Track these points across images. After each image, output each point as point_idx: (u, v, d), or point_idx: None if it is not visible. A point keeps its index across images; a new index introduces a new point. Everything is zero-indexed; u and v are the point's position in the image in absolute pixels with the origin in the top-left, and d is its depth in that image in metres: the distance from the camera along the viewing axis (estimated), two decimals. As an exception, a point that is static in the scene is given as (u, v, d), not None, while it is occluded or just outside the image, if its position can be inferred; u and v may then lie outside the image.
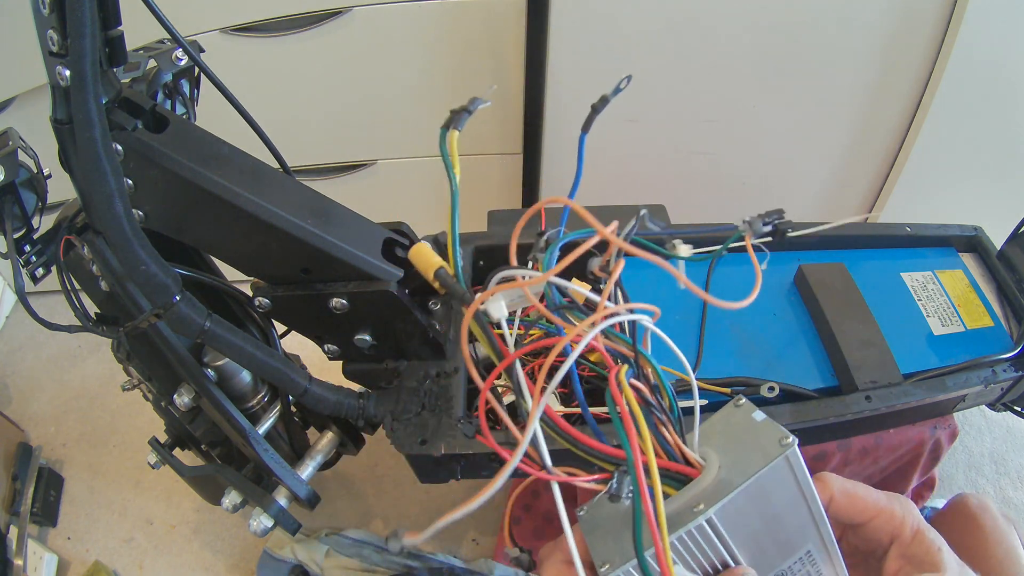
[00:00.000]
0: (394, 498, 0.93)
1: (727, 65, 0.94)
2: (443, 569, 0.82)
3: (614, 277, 0.30)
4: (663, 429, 0.30)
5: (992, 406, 0.75)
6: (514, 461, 0.25)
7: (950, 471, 0.99)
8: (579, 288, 0.32)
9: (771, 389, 0.57)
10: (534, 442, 0.27)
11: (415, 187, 1.10)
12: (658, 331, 0.31)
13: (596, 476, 0.30)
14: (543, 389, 0.26)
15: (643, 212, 0.32)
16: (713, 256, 0.37)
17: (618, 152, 1.03)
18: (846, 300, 0.66)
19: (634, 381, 0.29)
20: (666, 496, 0.29)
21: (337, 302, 0.51)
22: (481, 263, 0.67)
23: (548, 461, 0.28)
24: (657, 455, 0.28)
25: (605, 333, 0.30)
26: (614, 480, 0.28)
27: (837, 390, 0.62)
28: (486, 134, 1.03)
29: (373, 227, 0.53)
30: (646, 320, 0.30)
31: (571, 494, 0.32)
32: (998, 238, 0.78)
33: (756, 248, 0.33)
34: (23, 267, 0.49)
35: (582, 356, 0.35)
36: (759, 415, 0.30)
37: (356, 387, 0.58)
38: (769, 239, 0.35)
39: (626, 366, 0.30)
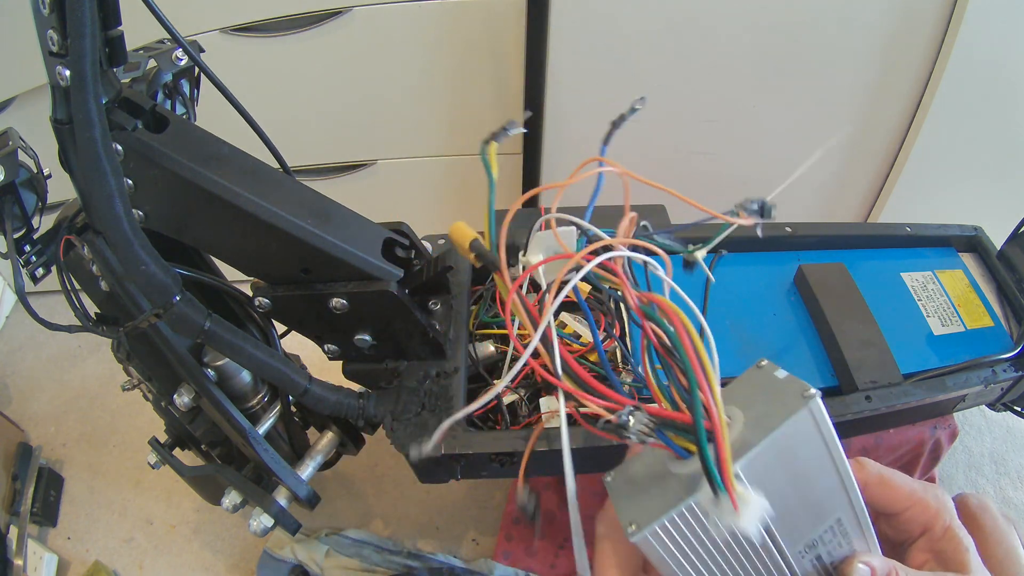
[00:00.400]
0: (394, 498, 0.93)
1: (727, 65, 0.94)
2: (443, 569, 0.82)
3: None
4: (684, 380, 0.28)
5: (992, 406, 0.75)
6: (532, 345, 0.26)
7: (950, 471, 0.99)
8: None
9: (771, 389, 0.57)
10: (546, 348, 0.28)
11: (415, 187, 1.10)
12: (671, 281, 0.32)
13: (603, 403, 0.29)
14: (556, 293, 0.29)
15: (643, 223, 0.33)
16: (706, 246, 0.38)
17: (618, 152, 1.02)
18: (846, 300, 0.66)
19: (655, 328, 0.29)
20: (687, 453, 0.28)
21: (337, 302, 0.51)
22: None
23: (559, 367, 0.28)
24: (680, 411, 0.28)
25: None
26: (624, 412, 0.27)
27: (837, 390, 0.62)
28: (486, 134, 1.03)
29: (373, 227, 0.53)
30: (660, 272, 0.31)
31: (581, 498, 0.32)
32: (998, 238, 0.78)
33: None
34: (23, 267, 0.49)
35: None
36: (781, 373, 0.29)
37: (356, 387, 0.58)
38: (759, 220, 0.36)
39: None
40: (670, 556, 0.29)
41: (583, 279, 0.30)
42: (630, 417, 0.27)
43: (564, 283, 0.30)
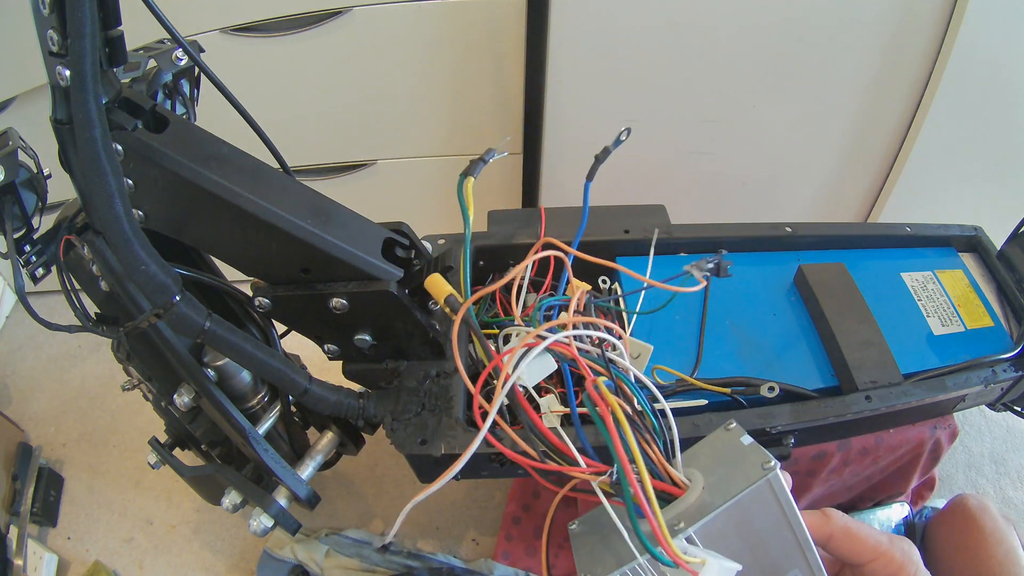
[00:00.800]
0: (394, 498, 0.93)
1: (727, 65, 0.94)
2: (443, 569, 0.82)
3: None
4: (647, 448, 0.31)
5: (992, 406, 0.75)
6: (483, 432, 0.28)
7: (950, 471, 0.99)
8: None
9: (771, 389, 0.57)
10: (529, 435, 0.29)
11: (415, 187, 1.10)
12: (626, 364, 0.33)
13: (587, 469, 0.30)
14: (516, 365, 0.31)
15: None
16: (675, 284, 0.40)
17: (618, 152, 1.03)
18: (846, 300, 0.66)
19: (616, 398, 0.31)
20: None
21: (337, 302, 0.51)
22: (481, 263, 0.67)
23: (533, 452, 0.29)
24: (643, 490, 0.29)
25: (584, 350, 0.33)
26: (614, 469, 0.29)
27: (837, 390, 0.62)
28: (486, 134, 1.03)
29: (373, 227, 0.53)
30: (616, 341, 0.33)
31: (571, 500, 0.33)
32: (998, 238, 0.78)
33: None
34: (23, 267, 0.49)
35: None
36: (747, 439, 0.31)
37: (356, 387, 0.58)
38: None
39: (603, 377, 0.31)
40: None
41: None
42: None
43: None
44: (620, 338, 0.35)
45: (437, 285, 0.40)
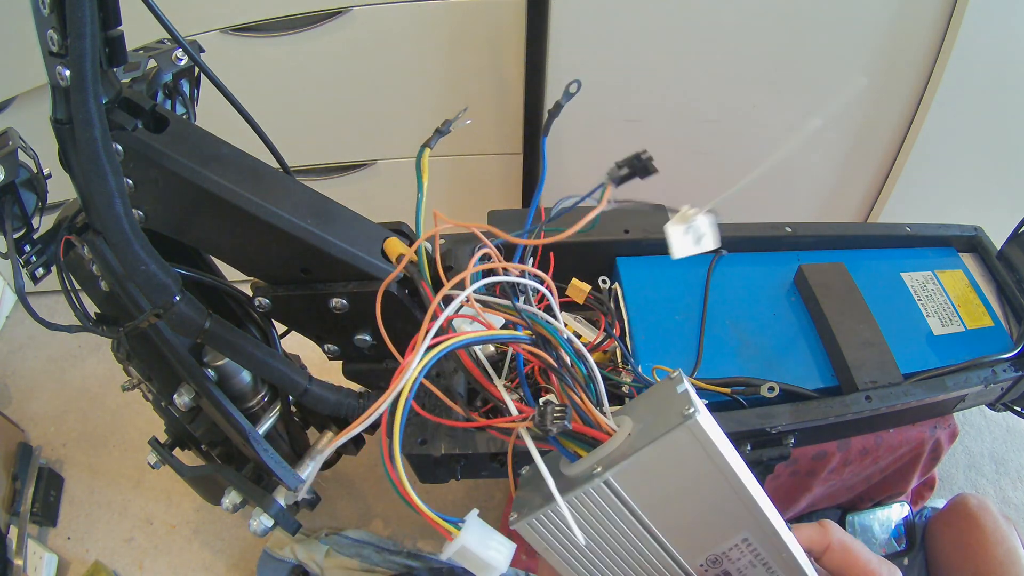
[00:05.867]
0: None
1: (727, 65, 0.94)
2: (443, 569, 0.82)
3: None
4: (573, 394, 0.30)
5: (992, 406, 0.75)
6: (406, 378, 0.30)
7: (950, 471, 0.99)
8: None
9: (771, 389, 0.57)
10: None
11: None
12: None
13: (514, 417, 0.31)
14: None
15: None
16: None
17: (618, 152, 1.02)
18: (846, 300, 0.66)
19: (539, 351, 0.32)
20: (576, 457, 0.30)
21: (337, 302, 0.51)
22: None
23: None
24: (573, 420, 0.29)
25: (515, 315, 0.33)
26: (536, 413, 0.29)
27: (837, 390, 0.62)
28: (486, 134, 1.03)
29: (373, 227, 0.53)
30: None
31: None
32: (998, 238, 0.78)
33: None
34: (23, 267, 0.49)
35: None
36: (682, 387, 0.29)
37: (356, 387, 0.58)
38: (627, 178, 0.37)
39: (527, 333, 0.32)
40: (549, 545, 0.31)
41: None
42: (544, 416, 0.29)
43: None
44: (544, 284, 0.35)
45: (393, 246, 0.38)
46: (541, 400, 0.31)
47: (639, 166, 0.34)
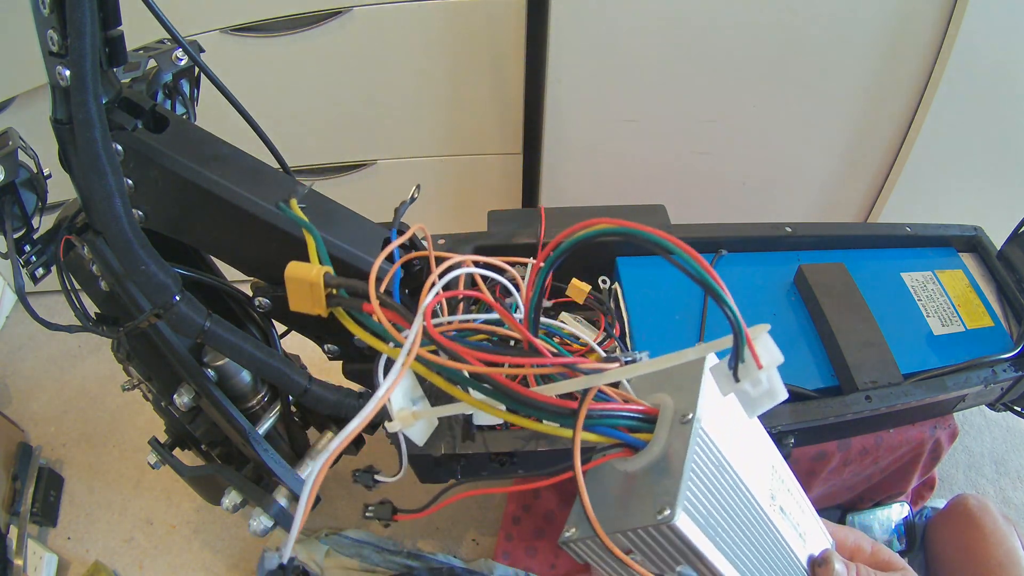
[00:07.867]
0: (394, 498, 0.93)
1: (727, 65, 0.94)
2: (443, 569, 0.82)
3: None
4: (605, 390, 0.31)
5: (992, 406, 0.75)
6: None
7: (950, 471, 0.99)
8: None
9: (771, 389, 0.57)
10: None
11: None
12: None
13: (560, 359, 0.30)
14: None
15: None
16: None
17: (618, 152, 1.03)
18: (846, 300, 0.66)
19: None
20: (645, 443, 0.29)
21: (337, 302, 0.51)
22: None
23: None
24: (617, 414, 0.29)
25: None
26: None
27: (837, 390, 0.62)
28: (486, 134, 1.03)
29: (373, 227, 0.53)
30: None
31: (570, 491, 0.33)
32: (998, 238, 0.78)
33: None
34: (23, 267, 0.49)
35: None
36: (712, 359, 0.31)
37: (356, 387, 0.58)
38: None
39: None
40: (709, 526, 0.28)
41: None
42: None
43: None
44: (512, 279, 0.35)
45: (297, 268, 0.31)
46: None
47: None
